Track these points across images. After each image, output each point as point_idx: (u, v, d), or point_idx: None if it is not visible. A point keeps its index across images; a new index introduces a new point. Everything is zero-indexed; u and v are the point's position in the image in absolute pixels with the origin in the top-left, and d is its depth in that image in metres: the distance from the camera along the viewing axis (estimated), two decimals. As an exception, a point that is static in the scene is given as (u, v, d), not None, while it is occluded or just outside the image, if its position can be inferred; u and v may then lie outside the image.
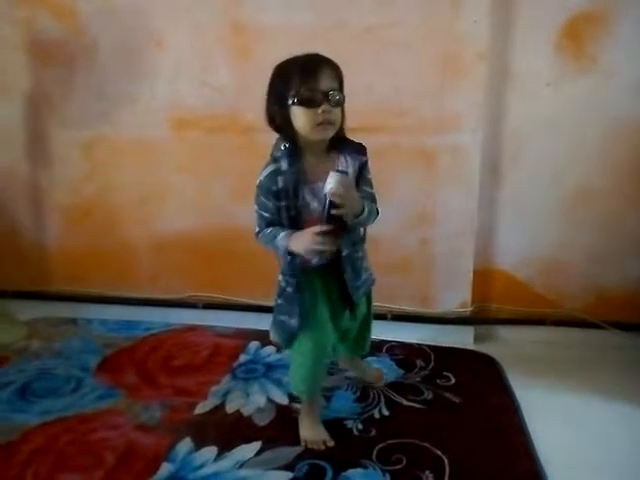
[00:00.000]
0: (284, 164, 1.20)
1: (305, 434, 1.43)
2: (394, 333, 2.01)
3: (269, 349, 1.93)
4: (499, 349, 1.94)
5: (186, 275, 2.24)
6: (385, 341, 1.97)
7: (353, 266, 1.34)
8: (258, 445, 1.42)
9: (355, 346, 1.60)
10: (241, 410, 1.58)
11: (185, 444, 1.42)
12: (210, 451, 1.40)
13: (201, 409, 1.58)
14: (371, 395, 1.65)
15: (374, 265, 1.50)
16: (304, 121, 1.15)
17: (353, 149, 1.28)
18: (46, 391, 1.67)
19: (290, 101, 1.15)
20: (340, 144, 1.28)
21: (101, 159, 2.20)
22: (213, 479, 1.31)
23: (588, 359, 1.89)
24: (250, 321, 2.12)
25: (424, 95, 1.91)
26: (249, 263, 2.15)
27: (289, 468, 1.33)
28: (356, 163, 1.28)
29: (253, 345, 1.96)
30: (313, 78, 1.14)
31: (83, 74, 2.13)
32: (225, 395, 1.65)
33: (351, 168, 1.27)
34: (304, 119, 1.15)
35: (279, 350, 1.85)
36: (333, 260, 1.30)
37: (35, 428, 1.49)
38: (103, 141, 2.17)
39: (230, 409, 1.58)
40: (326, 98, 1.15)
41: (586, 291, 2.02)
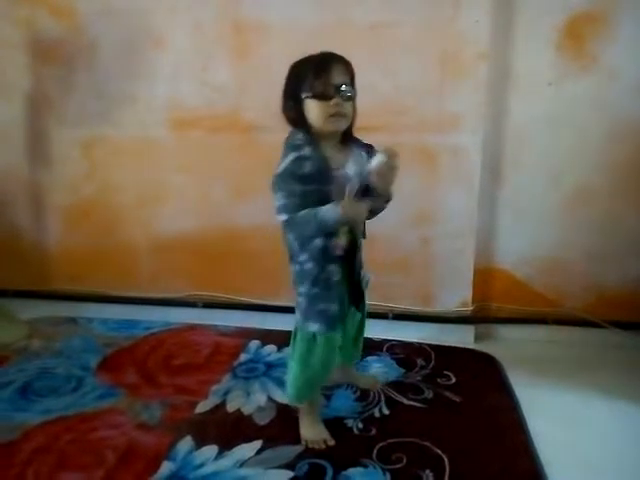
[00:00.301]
0: (307, 151, 1.22)
1: (305, 433, 1.44)
2: (395, 332, 2.01)
3: (269, 348, 1.93)
4: (499, 348, 1.94)
5: (186, 274, 2.24)
6: (386, 340, 1.97)
7: (360, 257, 1.40)
8: (259, 444, 1.42)
9: (349, 353, 1.59)
10: (242, 409, 1.58)
11: (186, 443, 1.42)
12: (211, 450, 1.40)
13: (202, 408, 1.58)
14: (371, 394, 1.65)
15: (375, 264, 1.51)
16: (318, 113, 1.20)
17: (363, 147, 1.32)
18: (47, 390, 1.67)
19: (304, 95, 1.20)
20: (351, 140, 1.32)
21: (101, 159, 2.20)
22: (214, 478, 1.31)
23: (588, 358, 1.89)
24: (251, 320, 2.13)
25: (425, 94, 1.91)
26: (249, 262, 2.15)
27: (289, 467, 1.34)
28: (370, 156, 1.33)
29: (253, 344, 1.97)
30: (325, 73, 1.19)
31: (83, 74, 2.13)
32: (226, 394, 1.65)
33: (366, 161, 1.30)
34: (318, 111, 1.20)
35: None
36: (347, 252, 1.32)
37: (36, 427, 1.49)
38: (103, 141, 2.18)
39: (231, 408, 1.58)
40: (338, 92, 1.20)
41: (586, 290, 2.02)
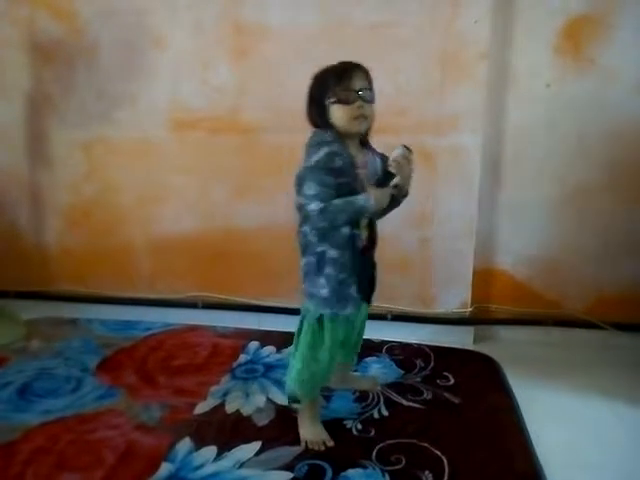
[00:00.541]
0: (336, 147, 1.29)
1: (305, 434, 1.44)
2: (394, 333, 2.01)
3: (269, 349, 1.93)
4: (498, 349, 1.94)
5: (186, 275, 2.24)
6: (385, 341, 1.98)
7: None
8: (258, 445, 1.42)
9: (350, 352, 1.61)
10: (241, 410, 1.58)
11: (185, 444, 1.42)
12: (210, 451, 1.40)
13: (201, 409, 1.58)
14: (370, 395, 1.65)
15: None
16: (342, 116, 1.29)
17: (378, 154, 1.40)
18: (46, 391, 1.67)
19: (329, 101, 1.30)
20: (367, 144, 1.41)
21: (101, 159, 2.20)
22: (213, 479, 1.31)
23: (587, 359, 1.89)
24: (250, 321, 2.13)
25: (425, 95, 1.91)
26: (249, 263, 2.15)
27: (289, 468, 1.34)
28: (383, 163, 1.38)
29: (253, 345, 1.97)
30: (347, 80, 1.28)
31: (83, 74, 2.13)
32: (225, 395, 1.65)
33: (379, 166, 1.39)
34: (342, 114, 1.29)
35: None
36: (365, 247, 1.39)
37: (35, 428, 1.49)
38: (103, 141, 2.18)
39: (230, 409, 1.58)
40: (359, 96, 1.29)
41: (585, 291, 2.02)
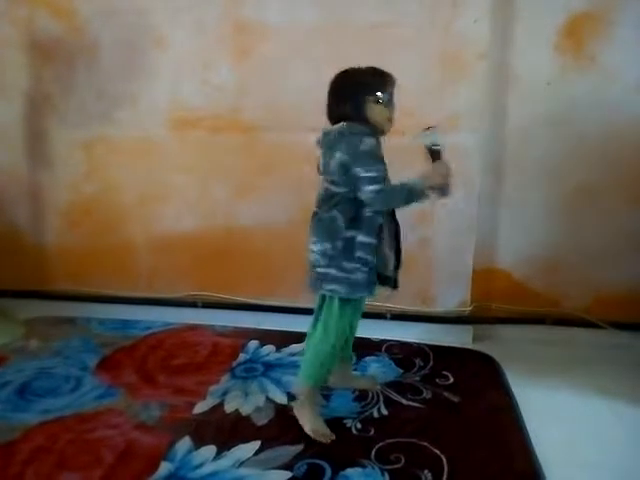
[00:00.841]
0: (377, 140, 1.40)
1: (311, 428, 1.45)
2: (393, 332, 2.01)
3: (268, 348, 1.93)
4: (498, 348, 1.94)
5: (185, 274, 2.24)
6: (384, 340, 1.98)
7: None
8: (257, 444, 1.42)
9: (348, 348, 1.63)
10: (240, 409, 1.58)
11: (184, 443, 1.42)
12: (209, 450, 1.40)
13: (200, 408, 1.58)
14: (370, 394, 1.65)
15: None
16: (382, 116, 1.42)
17: None
18: (45, 390, 1.67)
19: (369, 99, 1.40)
20: None
21: (101, 158, 2.20)
22: (212, 478, 1.31)
23: (586, 358, 1.89)
24: (249, 320, 2.13)
25: (425, 94, 1.91)
26: (248, 262, 2.15)
27: (288, 467, 1.34)
28: None
29: (252, 344, 1.97)
30: (389, 84, 1.43)
31: (83, 73, 2.13)
32: (224, 394, 1.65)
33: None
34: (382, 115, 1.42)
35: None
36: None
37: (35, 427, 1.49)
38: (103, 141, 2.18)
39: (229, 408, 1.59)
40: (392, 101, 1.45)
41: (585, 290, 2.02)
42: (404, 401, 1.62)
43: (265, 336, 2.01)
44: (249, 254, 2.15)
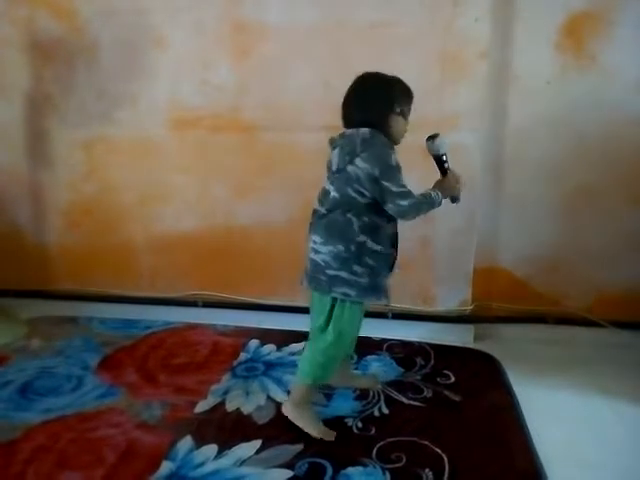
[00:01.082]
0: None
1: (313, 430, 1.44)
2: (394, 331, 2.01)
3: (269, 347, 1.93)
4: (499, 347, 1.94)
5: (186, 274, 2.24)
6: (385, 339, 1.98)
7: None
8: (258, 443, 1.42)
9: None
10: (241, 408, 1.58)
11: (185, 442, 1.42)
12: (210, 449, 1.40)
13: (201, 407, 1.59)
14: (371, 393, 1.65)
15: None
16: (401, 129, 1.43)
17: None
18: (47, 390, 1.68)
19: (397, 110, 1.40)
20: None
21: (101, 158, 2.20)
22: (213, 477, 1.31)
23: (587, 357, 1.89)
24: (250, 319, 2.13)
25: (425, 93, 1.89)
26: (249, 261, 2.15)
27: (289, 466, 1.34)
28: None
29: (253, 343, 1.97)
30: (411, 98, 1.45)
31: (83, 73, 2.13)
32: (225, 393, 1.65)
33: None
34: (402, 127, 1.44)
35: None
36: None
37: (36, 426, 1.49)
38: (103, 140, 2.18)
39: (230, 407, 1.59)
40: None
41: (585, 290, 2.02)
42: (405, 400, 1.62)
43: (266, 335, 2.02)
44: (249, 253, 2.15)
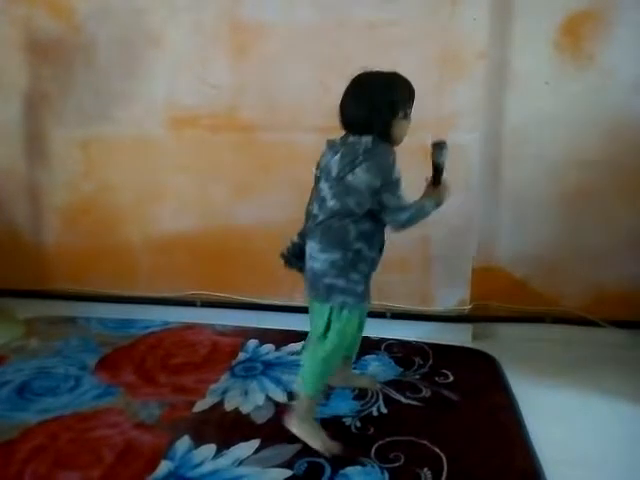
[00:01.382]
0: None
1: (315, 442, 1.39)
2: (393, 331, 2.01)
3: (267, 347, 1.93)
4: (497, 347, 1.94)
5: (184, 273, 2.24)
6: (384, 339, 1.98)
7: None
8: (257, 443, 1.42)
9: (355, 344, 1.60)
10: (240, 408, 1.58)
11: (184, 442, 1.42)
12: (209, 449, 1.40)
13: (200, 407, 1.59)
14: (370, 393, 1.65)
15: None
16: (404, 132, 1.38)
17: None
18: (45, 390, 1.67)
19: (401, 115, 1.35)
20: None
21: (99, 158, 2.19)
22: (212, 477, 1.31)
23: (586, 357, 1.89)
24: (249, 319, 2.13)
25: (423, 93, 1.89)
26: (247, 261, 2.15)
27: (288, 466, 1.34)
28: None
29: (252, 343, 1.97)
30: (414, 96, 1.38)
31: (81, 72, 2.13)
32: (224, 393, 1.65)
33: None
34: (404, 130, 1.38)
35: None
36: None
37: (34, 426, 1.49)
38: (101, 140, 2.17)
39: (229, 407, 1.59)
40: None
41: (584, 289, 2.02)
42: (403, 399, 1.62)
43: (264, 335, 2.01)
44: (248, 253, 2.14)
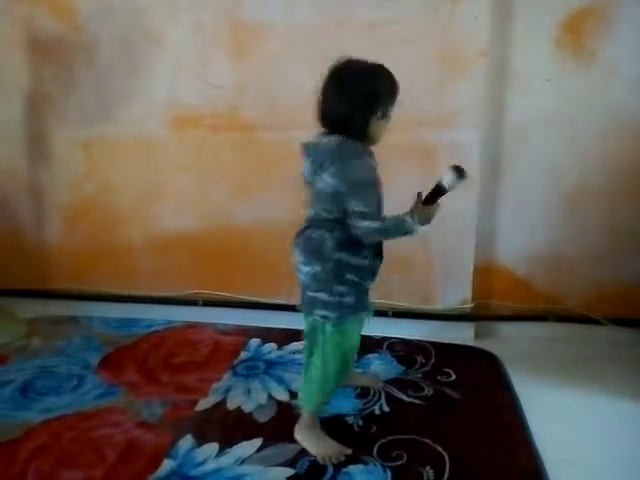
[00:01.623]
0: (374, 159, 1.27)
1: (319, 451, 1.37)
2: (395, 330, 2.01)
3: (270, 346, 1.94)
4: (499, 345, 1.94)
5: (186, 273, 2.24)
6: (386, 338, 1.98)
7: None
8: (259, 442, 1.42)
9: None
10: (242, 407, 1.58)
11: (186, 441, 1.43)
12: (211, 448, 1.40)
13: (202, 406, 1.59)
14: (372, 391, 1.65)
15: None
16: (382, 131, 1.30)
17: None
18: (47, 389, 1.68)
19: (379, 114, 1.26)
20: None
21: (101, 157, 2.20)
22: (214, 475, 1.31)
23: (588, 355, 1.89)
24: (251, 318, 2.13)
25: (424, 91, 1.91)
26: (249, 260, 2.15)
27: (290, 464, 1.34)
28: None
29: (254, 342, 1.97)
30: (397, 93, 1.29)
31: (82, 72, 2.13)
32: (226, 392, 1.66)
33: None
34: (383, 129, 1.30)
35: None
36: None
37: (37, 426, 1.49)
38: (103, 139, 2.17)
39: (231, 406, 1.59)
40: None
41: (586, 288, 2.02)
42: (406, 398, 1.62)
43: (267, 334, 2.02)
44: (249, 252, 2.14)
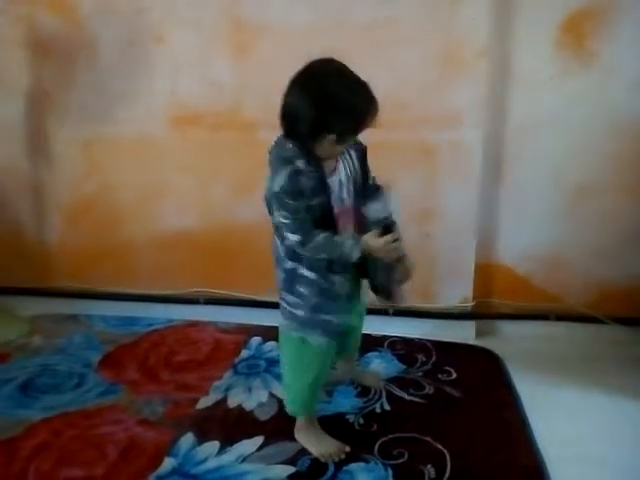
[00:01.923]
0: (301, 164, 1.16)
1: (318, 450, 1.37)
2: (395, 328, 2.01)
3: (271, 344, 1.93)
4: (500, 344, 1.94)
5: (187, 271, 2.24)
6: (386, 336, 1.97)
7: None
8: (260, 440, 1.42)
9: (349, 350, 1.60)
10: (243, 405, 1.58)
11: (187, 439, 1.43)
12: (212, 446, 1.40)
13: (203, 404, 1.59)
14: (372, 390, 1.65)
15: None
16: (331, 152, 1.18)
17: (352, 146, 1.30)
18: (48, 387, 1.68)
19: (332, 138, 1.13)
20: None
21: (101, 156, 2.19)
22: (215, 473, 1.31)
23: (589, 354, 1.88)
24: (252, 316, 2.13)
25: (425, 92, 1.90)
26: (250, 259, 2.15)
27: (291, 462, 1.34)
28: (358, 153, 1.32)
29: (255, 340, 1.97)
30: (366, 125, 1.15)
31: (83, 71, 2.13)
32: (227, 390, 1.66)
33: (355, 159, 1.30)
34: (333, 150, 1.17)
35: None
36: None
37: (38, 424, 1.49)
38: (103, 138, 2.17)
39: (232, 404, 1.59)
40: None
41: (587, 286, 2.02)
42: (406, 396, 1.62)
43: (268, 332, 2.01)
44: (251, 251, 2.14)
